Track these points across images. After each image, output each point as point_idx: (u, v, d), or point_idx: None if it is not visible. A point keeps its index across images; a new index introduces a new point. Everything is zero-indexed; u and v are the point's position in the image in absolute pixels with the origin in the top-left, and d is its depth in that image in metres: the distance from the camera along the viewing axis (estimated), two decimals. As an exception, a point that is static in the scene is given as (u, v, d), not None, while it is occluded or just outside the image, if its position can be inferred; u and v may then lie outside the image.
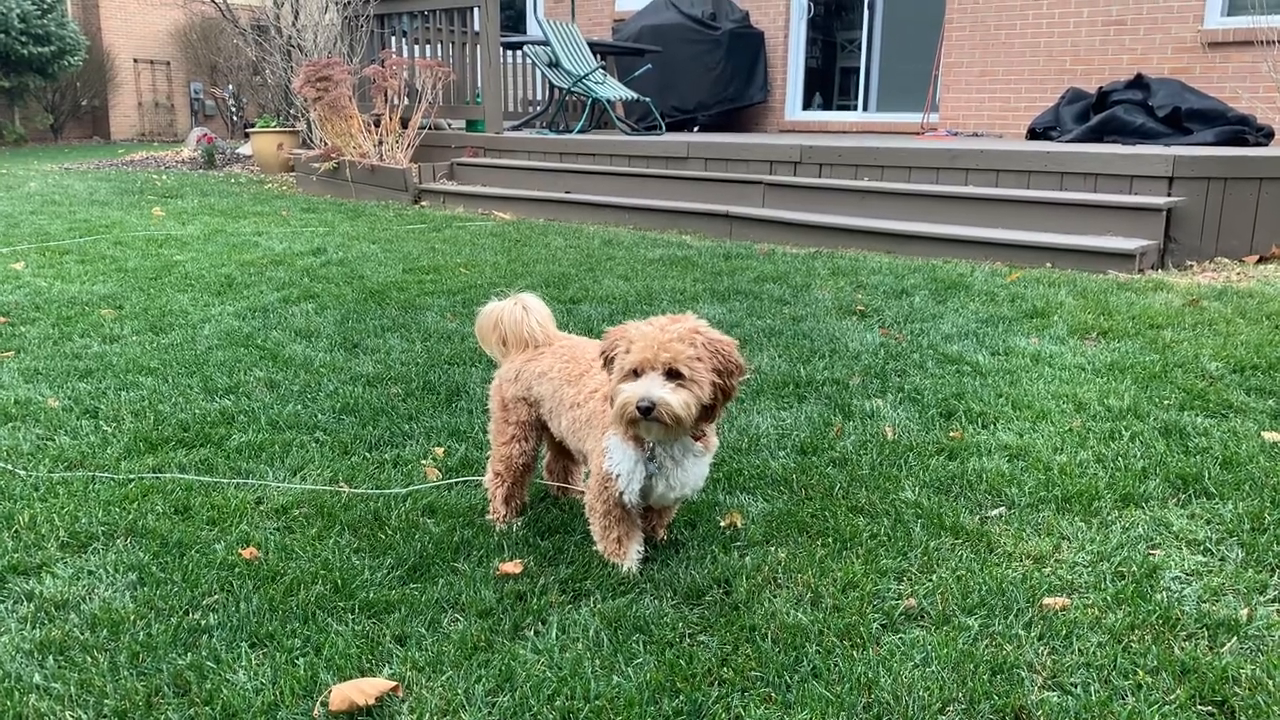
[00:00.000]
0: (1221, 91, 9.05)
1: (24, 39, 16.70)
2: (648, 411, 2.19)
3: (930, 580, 2.43)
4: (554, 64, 10.37)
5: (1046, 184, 6.80)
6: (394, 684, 2.01)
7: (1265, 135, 8.12)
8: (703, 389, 2.23)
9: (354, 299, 5.37)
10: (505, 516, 2.73)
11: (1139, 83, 8.73)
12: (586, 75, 10.18)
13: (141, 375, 4.03)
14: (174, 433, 3.41)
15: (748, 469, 3.09)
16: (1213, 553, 2.56)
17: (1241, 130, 7.94)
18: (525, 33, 14.61)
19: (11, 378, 3.98)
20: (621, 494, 2.40)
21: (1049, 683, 2.04)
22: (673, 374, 2.22)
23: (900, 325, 4.74)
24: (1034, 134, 9.54)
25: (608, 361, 2.34)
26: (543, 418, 2.70)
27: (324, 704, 1.95)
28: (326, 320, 4.91)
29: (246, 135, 14.29)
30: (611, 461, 2.39)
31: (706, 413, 2.29)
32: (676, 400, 2.19)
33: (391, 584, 2.42)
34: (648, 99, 10.54)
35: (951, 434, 3.36)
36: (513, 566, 2.48)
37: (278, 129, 12.57)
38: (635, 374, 2.24)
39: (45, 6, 17.16)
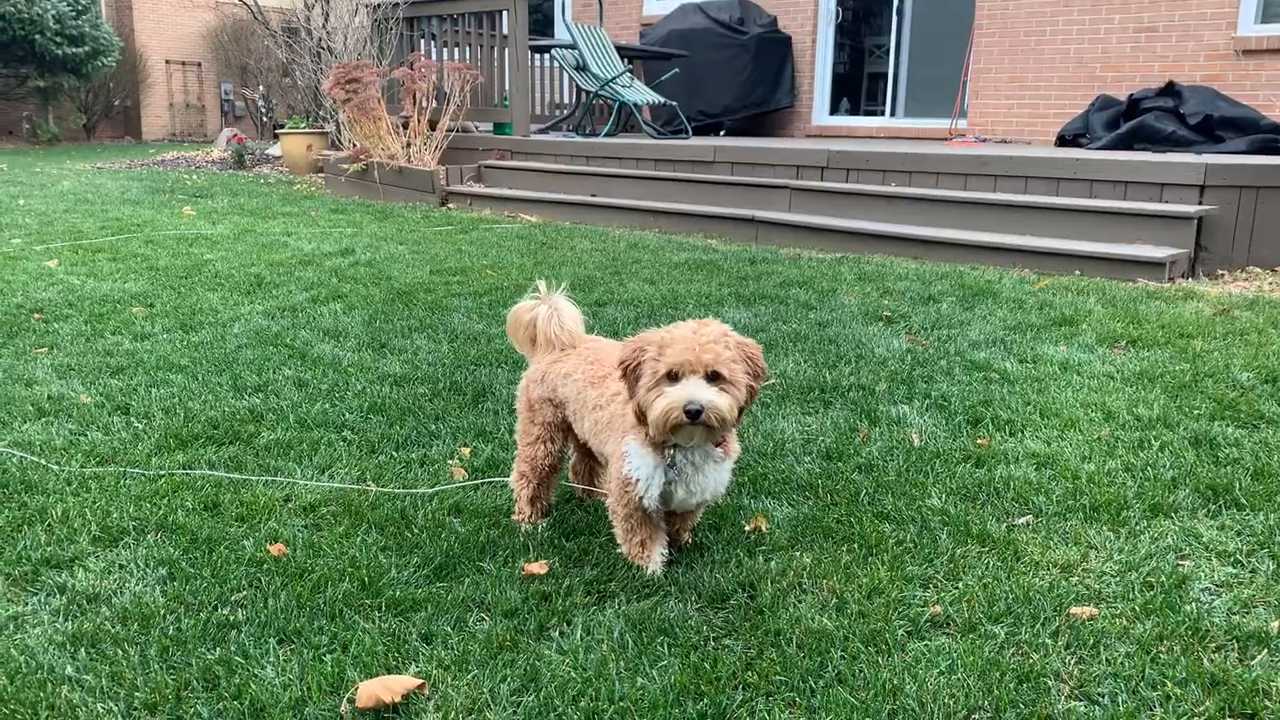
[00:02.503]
0: (1255, 99, 8.96)
1: (59, 40, 16.92)
2: (696, 415, 2.15)
3: (956, 587, 2.41)
4: (581, 67, 10.40)
5: (1076, 191, 6.76)
6: (420, 682, 2.02)
7: (1299, 144, 8.02)
8: (740, 391, 2.21)
9: (381, 299, 5.41)
10: (530, 517, 2.74)
11: (1170, 90, 8.66)
12: (614, 79, 10.20)
13: (172, 372, 4.08)
14: (204, 430, 3.44)
15: (773, 474, 3.09)
16: (1243, 564, 2.53)
17: (1275, 139, 7.86)
18: (553, 36, 14.66)
19: (45, 374, 4.04)
20: (641, 498, 2.40)
21: (1076, 692, 2.03)
22: (713, 376, 2.20)
23: (927, 331, 4.72)
24: (1063, 141, 9.48)
25: (628, 371, 2.30)
26: (568, 419, 2.71)
27: (351, 701, 1.97)
28: (354, 320, 4.95)
29: (276, 136, 14.42)
30: (631, 466, 2.39)
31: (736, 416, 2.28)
32: (725, 402, 2.17)
33: (418, 583, 2.43)
34: (674, 103, 10.55)
35: (978, 441, 3.34)
36: (538, 567, 2.49)
37: (307, 130, 12.67)
38: (671, 378, 2.22)
39: (80, 8, 17.38)
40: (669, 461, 2.35)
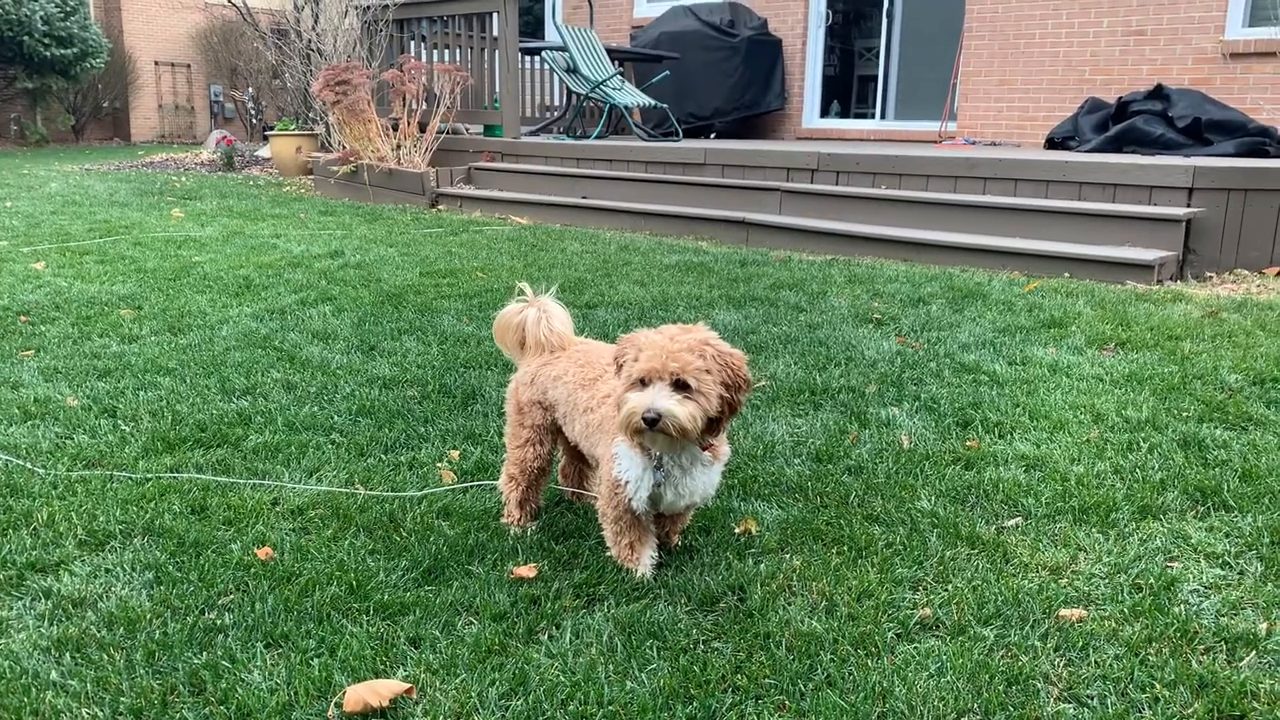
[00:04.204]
0: (1242, 103, 9.00)
1: (47, 41, 16.84)
2: (653, 423, 2.17)
3: (946, 590, 2.41)
4: (572, 70, 10.40)
5: (1065, 194, 6.78)
6: (408, 686, 2.01)
7: (1286, 147, 8.06)
8: (710, 401, 2.22)
9: (371, 302, 5.39)
10: (520, 520, 2.73)
11: (1159, 93, 8.69)
12: (604, 81, 10.20)
13: (160, 375, 4.06)
14: (191, 433, 3.42)
15: (762, 476, 3.08)
16: (1231, 566, 2.54)
17: (1262, 142, 7.89)
18: (544, 38, 14.65)
19: (31, 376, 4.01)
20: (630, 500, 2.39)
21: (1065, 694, 2.03)
22: (680, 385, 2.20)
23: (917, 334, 4.73)
24: (1052, 144, 9.51)
25: (620, 369, 2.33)
26: (558, 422, 2.70)
27: (338, 705, 1.96)
28: (344, 322, 4.93)
29: (265, 138, 14.38)
30: (620, 468, 2.39)
31: (712, 425, 2.28)
32: (683, 412, 2.18)
33: (406, 586, 2.42)
34: (665, 105, 10.55)
35: (968, 443, 3.35)
36: (527, 570, 2.48)
37: (296, 132, 12.64)
38: (643, 383, 2.23)
39: (68, 9, 17.30)
40: (656, 464, 2.35)
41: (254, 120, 18.37)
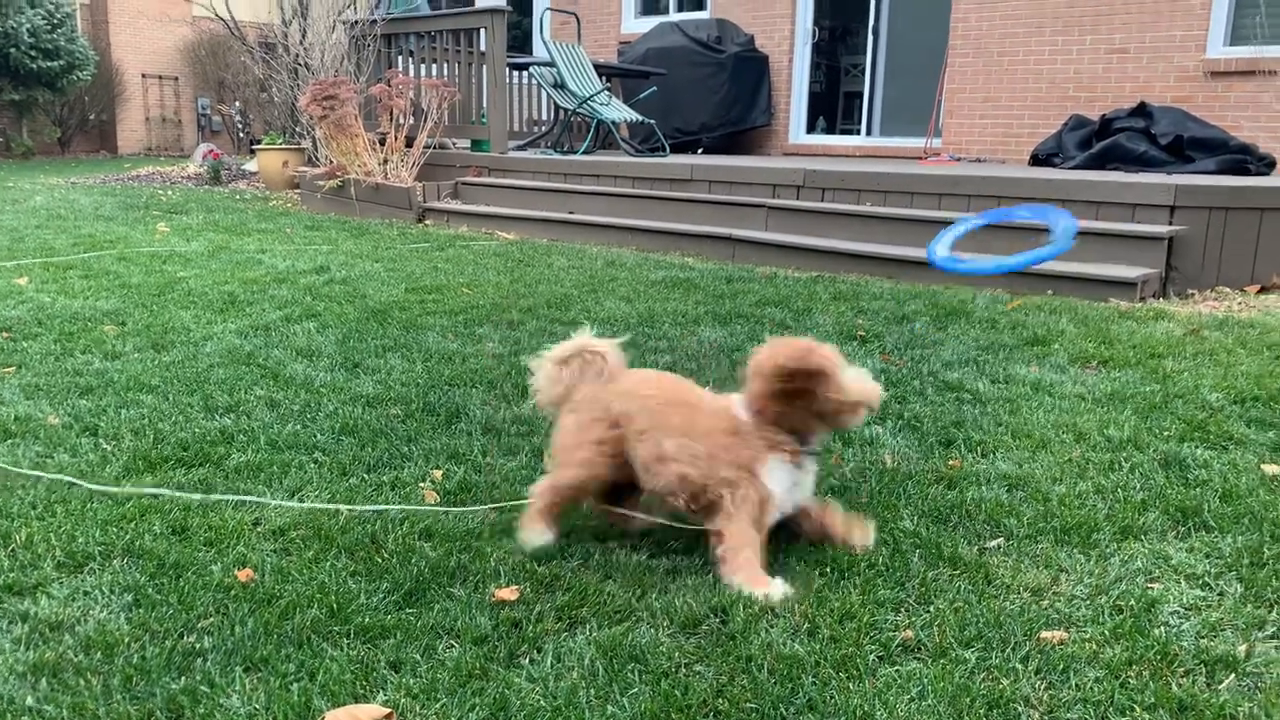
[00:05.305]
0: (1223, 120, 9.08)
1: (33, 53, 16.78)
2: None
3: (928, 612, 2.42)
4: (559, 85, 10.42)
5: (1048, 211, 6.81)
6: (388, 711, 2.00)
7: (1267, 165, 8.14)
8: None
9: (356, 318, 5.38)
10: (535, 528, 2.72)
11: (1142, 110, 8.77)
12: (592, 97, 10.23)
13: (142, 393, 4.03)
14: (173, 451, 3.40)
15: (746, 496, 3.08)
16: (1211, 587, 2.55)
17: (1243, 159, 7.97)
18: (531, 53, 14.69)
19: (12, 394, 3.99)
20: (777, 511, 2.51)
21: (1045, 718, 2.03)
22: None
23: (901, 351, 4.74)
24: (1036, 160, 9.58)
25: (811, 375, 2.44)
26: (628, 449, 2.66)
27: (317, 731, 1.94)
28: (328, 339, 4.92)
29: (252, 152, 14.36)
30: (774, 480, 2.48)
31: None
32: None
33: (387, 609, 2.41)
34: (652, 121, 10.59)
35: (950, 462, 3.35)
36: (509, 593, 2.47)
37: (283, 146, 12.63)
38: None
39: (55, 21, 17.25)
40: (798, 465, 2.50)
41: (241, 134, 18.35)
